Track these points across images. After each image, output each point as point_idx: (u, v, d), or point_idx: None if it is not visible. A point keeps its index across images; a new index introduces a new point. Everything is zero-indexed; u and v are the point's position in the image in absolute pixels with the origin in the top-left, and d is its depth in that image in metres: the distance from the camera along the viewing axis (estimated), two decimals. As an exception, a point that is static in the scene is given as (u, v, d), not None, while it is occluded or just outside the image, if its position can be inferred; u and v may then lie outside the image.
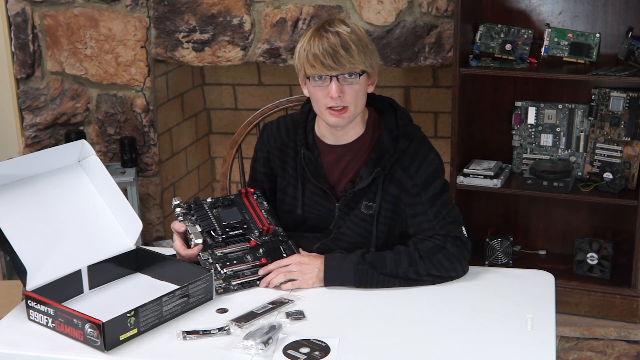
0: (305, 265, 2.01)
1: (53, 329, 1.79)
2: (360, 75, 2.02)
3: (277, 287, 1.99)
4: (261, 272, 2.02)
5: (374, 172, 2.06)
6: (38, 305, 1.80)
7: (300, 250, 2.10)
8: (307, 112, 2.17)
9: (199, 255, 2.03)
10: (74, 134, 3.50)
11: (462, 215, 2.18)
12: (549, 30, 3.04)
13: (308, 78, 2.04)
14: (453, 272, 2.02)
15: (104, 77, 3.58)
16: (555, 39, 3.03)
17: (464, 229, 2.10)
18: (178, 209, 2.11)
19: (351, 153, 2.13)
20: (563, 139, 3.17)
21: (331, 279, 2.00)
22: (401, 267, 1.99)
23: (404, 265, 1.99)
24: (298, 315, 1.85)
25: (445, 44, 3.24)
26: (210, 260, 2.02)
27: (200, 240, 2.03)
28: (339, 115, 2.04)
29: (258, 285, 2.01)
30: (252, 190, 2.21)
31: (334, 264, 2.00)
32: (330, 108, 2.03)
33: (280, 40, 3.37)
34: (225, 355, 1.70)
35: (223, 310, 1.89)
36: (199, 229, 2.06)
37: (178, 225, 2.07)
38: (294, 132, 2.18)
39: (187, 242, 2.06)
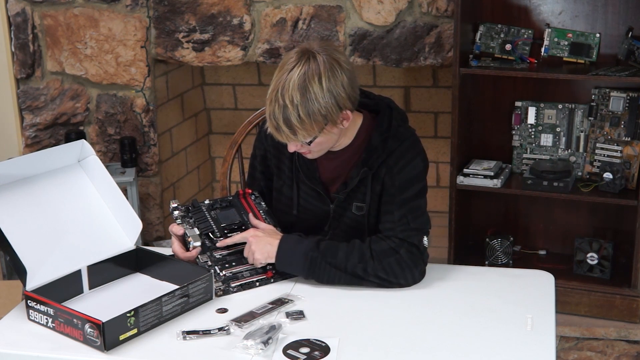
0: (259, 237, 2.03)
1: (53, 329, 1.79)
2: (310, 142, 2.00)
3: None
4: (219, 244, 2.06)
5: (361, 172, 2.07)
6: (38, 305, 1.80)
7: (259, 222, 2.12)
8: None
9: (197, 258, 2.03)
10: (74, 134, 3.50)
11: (462, 215, 2.18)
12: (549, 30, 3.04)
13: None
14: (402, 279, 2.00)
15: (104, 77, 3.58)
16: (555, 39, 3.03)
17: (426, 239, 2.06)
18: (176, 212, 2.10)
19: (345, 155, 2.12)
20: (563, 139, 3.17)
21: (282, 262, 2.01)
22: (350, 261, 1.98)
23: (354, 260, 1.98)
24: (298, 315, 1.85)
25: (445, 44, 3.24)
26: (209, 263, 2.02)
27: (198, 243, 2.03)
28: (305, 154, 2.07)
29: (257, 286, 2.01)
30: (250, 190, 2.21)
31: (288, 246, 2.01)
32: None
33: (280, 40, 3.37)
34: (225, 355, 1.70)
35: (223, 310, 1.89)
36: (197, 232, 2.06)
37: (176, 228, 2.07)
38: None
39: (185, 245, 2.06)
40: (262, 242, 2.02)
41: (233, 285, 1.99)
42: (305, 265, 1.99)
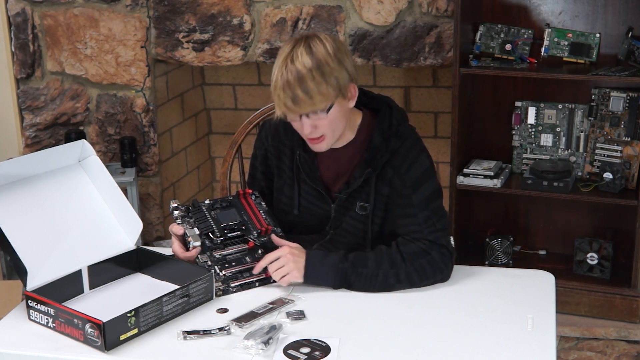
0: (296, 256, 1.99)
1: (53, 329, 1.79)
2: (327, 110, 1.99)
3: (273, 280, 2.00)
4: (255, 271, 2.02)
5: (365, 173, 2.06)
6: (38, 305, 1.80)
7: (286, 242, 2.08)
8: None
9: (197, 258, 2.03)
10: (74, 134, 3.50)
11: (462, 215, 2.19)
12: (549, 30, 3.04)
13: None
14: (432, 279, 2.00)
15: (104, 77, 3.58)
16: (555, 39, 3.03)
17: (452, 238, 2.07)
18: (176, 212, 2.10)
19: (346, 154, 2.12)
20: (563, 139, 3.17)
21: (310, 277, 1.98)
22: (382, 269, 1.97)
23: (385, 267, 1.97)
24: (298, 315, 1.85)
25: (445, 44, 3.24)
26: (209, 263, 2.02)
27: (198, 243, 2.03)
28: (318, 143, 2.04)
29: (257, 287, 2.01)
30: (250, 191, 2.20)
31: (316, 260, 1.99)
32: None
33: (280, 40, 3.37)
34: (225, 355, 1.70)
35: (223, 310, 1.89)
36: (197, 232, 2.05)
37: (176, 228, 2.06)
38: (291, 131, 2.18)
39: (185, 245, 2.06)
40: (299, 261, 1.98)
41: (233, 285, 1.99)
42: (336, 278, 1.97)
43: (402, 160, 2.06)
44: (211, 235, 2.07)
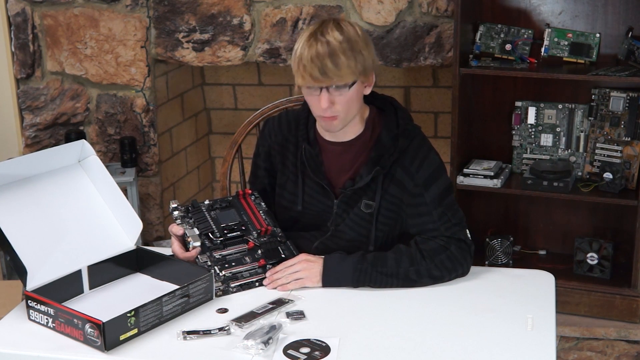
0: (312, 262, 2.01)
1: (53, 329, 1.79)
2: (350, 86, 2.01)
3: (283, 287, 2.00)
4: (268, 274, 2.02)
5: (374, 171, 2.06)
6: (38, 305, 1.80)
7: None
8: (308, 108, 2.17)
9: (197, 258, 2.03)
10: (74, 134, 3.50)
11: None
12: (549, 30, 3.04)
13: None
14: (454, 273, 2.02)
15: (104, 77, 3.58)
16: (555, 39, 3.03)
17: (467, 231, 2.09)
18: (176, 212, 2.10)
19: (352, 151, 2.13)
20: (563, 139, 3.17)
21: (329, 280, 1.99)
22: (402, 267, 1.99)
23: (405, 264, 1.99)
24: (298, 315, 1.85)
25: (445, 44, 3.24)
26: (209, 263, 2.02)
27: (198, 243, 2.03)
28: (330, 122, 2.04)
29: (257, 287, 2.01)
30: (250, 191, 2.21)
31: (333, 263, 2.00)
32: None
33: (280, 40, 3.37)
34: (225, 355, 1.70)
35: (223, 310, 1.89)
36: (197, 232, 2.05)
37: (176, 229, 2.07)
38: (295, 127, 2.18)
39: (185, 245, 2.06)
40: (315, 267, 2.00)
41: (232, 285, 1.99)
42: (353, 279, 1.99)
43: (411, 160, 2.07)
44: (211, 236, 2.07)
